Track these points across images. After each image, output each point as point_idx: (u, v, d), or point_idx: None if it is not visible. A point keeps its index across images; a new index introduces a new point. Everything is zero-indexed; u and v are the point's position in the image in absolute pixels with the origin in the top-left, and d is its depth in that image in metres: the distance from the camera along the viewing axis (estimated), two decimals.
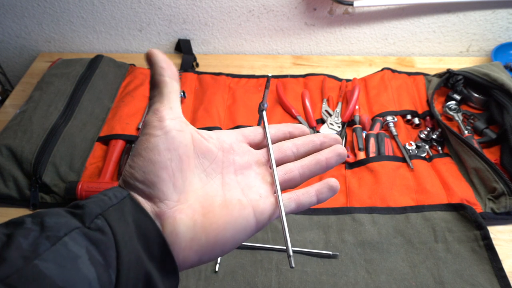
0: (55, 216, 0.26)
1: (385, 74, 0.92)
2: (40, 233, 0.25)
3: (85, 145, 0.76)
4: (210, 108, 0.83)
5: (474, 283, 0.57)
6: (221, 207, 0.32)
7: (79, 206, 0.28)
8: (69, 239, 0.25)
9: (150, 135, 0.31)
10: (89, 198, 0.29)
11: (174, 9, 0.97)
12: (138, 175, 0.30)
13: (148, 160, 0.30)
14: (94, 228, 0.26)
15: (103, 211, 0.28)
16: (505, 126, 0.72)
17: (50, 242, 0.24)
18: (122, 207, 0.29)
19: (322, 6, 0.96)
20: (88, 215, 0.27)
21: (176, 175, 0.31)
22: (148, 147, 0.30)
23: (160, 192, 0.30)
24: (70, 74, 0.84)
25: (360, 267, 0.60)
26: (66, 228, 0.25)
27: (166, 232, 0.30)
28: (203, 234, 0.30)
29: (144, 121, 0.32)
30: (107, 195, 0.29)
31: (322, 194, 0.35)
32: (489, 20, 0.97)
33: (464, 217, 0.64)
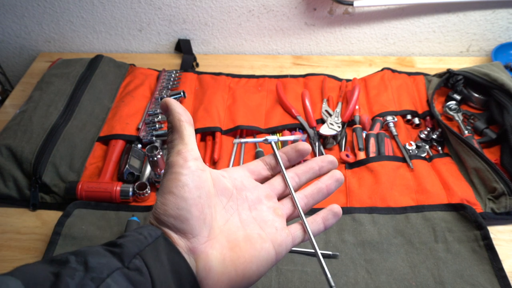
0: (97, 256, 0.27)
1: (385, 74, 0.92)
2: (84, 274, 0.26)
3: (85, 145, 0.76)
4: (210, 108, 0.83)
5: (474, 283, 0.57)
6: (245, 242, 0.34)
7: (117, 245, 0.29)
8: (112, 281, 0.26)
9: (178, 173, 0.32)
10: (125, 237, 0.30)
11: (174, 9, 0.97)
12: (172, 212, 0.31)
13: (181, 197, 0.31)
14: (133, 268, 0.28)
15: (140, 251, 0.29)
16: (505, 126, 0.72)
17: (94, 283, 0.25)
18: (156, 246, 0.30)
19: (322, 6, 0.96)
20: (126, 255, 0.28)
21: (205, 211, 0.33)
22: (179, 185, 0.32)
23: (192, 228, 0.32)
24: (70, 74, 0.84)
25: (360, 267, 0.60)
26: (108, 269, 0.27)
27: (199, 267, 0.31)
28: (232, 267, 0.32)
29: (169, 162, 0.34)
30: (142, 234, 0.30)
31: (328, 221, 0.39)
32: (489, 20, 0.97)
33: (464, 217, 0.64)
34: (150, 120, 0.80)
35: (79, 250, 0.28)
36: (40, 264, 0.27)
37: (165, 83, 0.89)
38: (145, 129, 0.79)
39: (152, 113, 0.81)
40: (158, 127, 0.78)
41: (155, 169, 0.68)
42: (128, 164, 0.70)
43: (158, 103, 0.84)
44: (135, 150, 0.74)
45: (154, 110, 0.82)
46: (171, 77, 0.90)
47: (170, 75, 0.91)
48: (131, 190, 0.68)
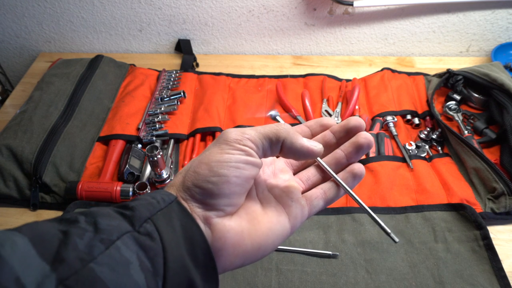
0: (107, 217, 0.27)
1: (385, 74, 0.92)
2: (94, 235, 0.25)
3: (85, 145, 0.76)
4: (210, 108, 0.83)
5: (474, 283, 0.57)
6: (262, 215, 0.33)
7: (128, 208, 0.29)
8: (122, 244, 0.26)
9: (225, 151, 0.31)
10: (137, 200, 0.30)
11: (174, 9, 0.97)
12: (201, 184, 0.30)
13: (216, 173, 0.30)
14: (144, 233, 0.27)
15: (152, 215, 0.28)
16: (505, 126, 0.72)
17: (104, 245, 0.25)
18: (169, 211, 0.29)
19: (322, 6, 0.96)
20: (138, 219, 0.28)
21: (236, 193, 0.31)
22: (220, 160, 0.31)
23: (216, 203, 0.31)
24: (70, 74, 0.84)
25: (360, 267, 0.60)
26: (118, 231, 0.26)
27: (215, 237, 0.30)
28: (249, 240, 0.31)
29: (226, 134, 0.32)
30: (155, 199, 0.30)
31: (348, 184, 0.36)
32: (489, 20, 0.97)
33: (464, 217, 0.64)
34: (150, 120, 0.80)
35: (89, 211, 0.28)
36: (49, 222, 0.26)
37: (165, 83, 0.89)
38: (145, 129, 0.79)
39: (152, 113, 0.81)
40: (158, 127, 0.78)
41: (155, 169, 0.68)
42: (128, 164, 0.70)
43: (158, 103, 0.84)
44: (135, 150, 0.74)
45: (154, 110, 0.82)
46: (171, 77, 0.90)
47: (170, 75, 0.91)
48: (131, 190, 0.68)
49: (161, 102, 0.84)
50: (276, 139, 0.33)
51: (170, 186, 0.32)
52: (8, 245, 0.22)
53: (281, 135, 0.33)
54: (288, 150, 0.33)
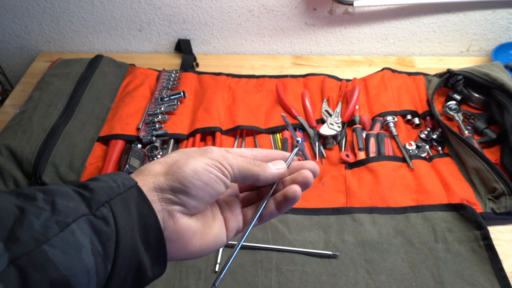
0: (66, 198, 0.28)
1: (385, 74, 0.92)
2: (51, 215, 0.26)
3: (85, 145, 0.76)
4: (210, 108, 0.83)
5: (474, 283, 0.57)
6: (213, 222, 0.36)
7: (88, 188, 0.29)
8: (76, 227, 0.26)
9: (210, 165, 0.33)
10: (97, 181, 0.30)
11: (174, 9, 0.97)
12: (183, 180, 0.32)
13: (199, 176, 0.32)
14: (100, 217, 0.28)
15: (110, 199, 0.29)
16: (505, 126, 0.72)
17: (59, 227, 0.25)
18: (128, 196, 0.30)
19: (322, 6, 0.96)
20: (95, 202, 0.28)
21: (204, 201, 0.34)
22: (204, 168, 0.33)
23: (185, 202, 0.32)
24: (70, 74, 0.84)
25: (360, 267, 0.60)
26: (75, 214, 0.27)
27: (174, 230, 0.32)
28: (198, 242, 0.34)
29: (214, 149, 0.35)
30: (116, 182, 0.31)
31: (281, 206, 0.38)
32: (489, 20, 0.97)
33: (464, 217, 0.64)
34: (150, 120, 0.80)
35: (48, 188, 0.28)
36: (5, 194, 0.26)
37: (165, 83, 0.89)
38: (145, 129, 0.79)
39: (152, 113, 0.81)
40: (158, 127, 0.78)
41: None
42: (128, 164, 0.70)
43: (158, 103, 0.84)
44: (135, 150, 0.74)
45: (154, 110, 0.82)
46: (171, 77, 0.90)
47: (170, 75, 0.91)
48: None
49: (161, 102, 0.84)
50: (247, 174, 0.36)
51: (141, 172, 0.33)
52: None
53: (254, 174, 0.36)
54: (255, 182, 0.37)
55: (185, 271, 0.59)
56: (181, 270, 0.59)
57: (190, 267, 0.60)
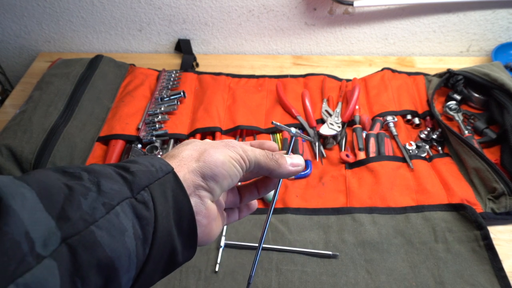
0: (109, 179, 0.28)
1: (385, 74, 0.92)
2: (97, 196, 0.27)
3: (85, 145, 0.76)
4: (210, 108, 0.83)
5: (474, 283, 0.57)
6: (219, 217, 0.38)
7: (129, 171, 0.30)
8: (121, 210, 0.27)
9: (236, 160, 0.35)
10: (137, 164, 0.31)
11: (174, 9, 0.97)
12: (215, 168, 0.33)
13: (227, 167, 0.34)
14: (141, 201, 0.29)
15: (150, 184, 0.30)
16: (505, 126, 0.72)
17: (105, 209, 0.26)
18: (165, 182, 0.31)
19: (322, 6, 0.96)
20: (137, 185, 0.29)
21: (224, 190, 0.35)
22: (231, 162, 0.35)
23: (213, 188, 0.34)
24: (70, 74, 0.84)
25: (360, 267, 0.60)
26: (119, 197, 0.28)
27: (206, 214, 0.33)
28: (216, 227, 0.36)
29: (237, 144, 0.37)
30: (154, 166, 0.31)
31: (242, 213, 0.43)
32: (489, 20, 0.97)
33: (464, 217, 0.64)
34: (150, 120, 0.80)
35: (91, 168, 0.29)
36: (53, 173, 0.27)
37: (165, 83, 0.89)
38: (145, 129, 0.79)
39: (152, 113, 0.81)
40: (158, 127, 0.78)
41: None
42: None
43: (158, 103, 0.84)
44: (135, 150, 0.74)
45: (154, 110, 0.82)
46: (171, 77, 0.90)
47: (170, 75, 0.91)
48: None
49: (161, 102, 0.84)
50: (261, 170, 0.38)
51: (173, 157, 0.34)
52: (18, 198, 0.23)
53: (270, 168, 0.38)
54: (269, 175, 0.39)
55: (185, 271, 0.59)
56: (181, 270, 0.59)
57: (190, 267, 0.60)
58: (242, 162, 0.35)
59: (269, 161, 0.37)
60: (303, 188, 0.71)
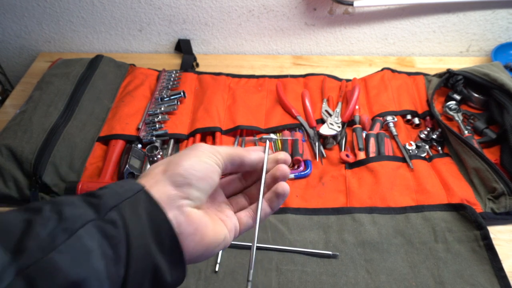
0: (73, 206, 0.28)
1: (385, 74, 0.92)
2: (57, 223, 0.26)
3: (85, 145, 0.76)
4: (210, 108, 0.83)
5: (474, 283, 0.57)
6: (212, 221, 0.36)
7: (95, 196, 0.30)
8: (84, 232, 0.26)
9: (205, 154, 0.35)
10: (105, 188, 0.31)
11: (174, 9, 0.97)
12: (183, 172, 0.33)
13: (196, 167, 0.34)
14: (108, 221, 0.28)
15: (118, 204, 0.29)
16: (505, 126, 0.72)
17: (66, 234, 0.26)
18: (136, 200, 0.30)
19: (322, 6, 0.96)
20: (103, 207, 0.29)
21: (206, 190, 0.35)
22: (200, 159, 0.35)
23: (190, 193, 0.33)
24: (70, 74, 0.84)
25: (360, 267, 0.60)
26: (82, 220, 0.27)
27: (188, 222, 0.32)
28: (212, 233, 0.34)
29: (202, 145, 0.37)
30: (123, 187, 0.31)
31: (273, 203, 0.40)
32: (489, 20, 0.97)
33: (464, 217, 0.64)
34: (150, 120, 0.80)
35: (55, 199, 0.28)
36: (13, 211, 0.27)
37: (165, 83, 0.89)
38: (145, 129, 0.79)
39: (152, 113, 0.81)
40: (158, 127, 0.78)
41: None
42: (128, 164, 0.70)
43: (158, 103, 0.84)
44: (135, 150, 0.74)
45: (154, 110, 0.82)
46: (171, 77, 0.90)
47: (170, 75, 0.91)
48: None
49: (161, 102, 0.84)
50: (235, 160, 0.38)
51: (144, 176, 0.34)
52: None
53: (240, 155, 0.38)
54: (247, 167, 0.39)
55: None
56: None
57: (190, 267, 0.60)
58: (214, 156, 0.36)
59: (237, 150, 0.38)
60: (303, 188, 0.71)
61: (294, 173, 0.73)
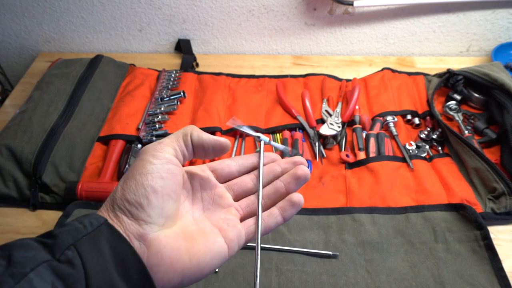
0: (24, 249, 0.26)
1: (385, 74, 0.92)
2: (5, 269, 0.25)
3: (85, 145, 0.76)
4: (210, 108, 0.83)
5: (474, 283, 0.57)
6: (199, 235, 0.34)
7: (51, 236, 0.28)
8: (35, 276, 0.25)
9: (146, 161, 0.32)
10: (64, 226, 0.29)
11: (174, 9, 0.97)
12: (128, 196, 0.31)
13: (141, 184, 0.31)
14: (64, 261, 0.26)
15: (76, 241, 0.28)
16: (505, 126, 0.72)
17: (14, 280, 0.24)
18: (97, 235, 0.29)
19: (322, 6, 0.96)
20: (59, 246, 0.27)
21: (165, 202, 0.32)
22: (143, 172, 0.32)
23: (147, 215, 0.31)
24: (70, 74, 0.84)
25: (360, 267, 0.60)
26: (33, 263, 0.25)
27: (151, 253, 0.30)
28: (187, 256, 0.31)
29: (142, 149, 0.34)
30: (82, 223, 0.29)
31: (286, 212, 0.37)
32: (489, 20, 0.97)
33: (464, 217, 0.64)
34: (150, 120, 0.80)
35: (7, 244, 0.27)
36: None
37: (165, 83, 0.89)
38: (145, 129, 0.79)
39: (152, 113, 0.81)
40: (158, 127, 0.78)
41: None
42: (128, 164, 0.70)
43: (158, 103, 0.84)
44: (135, 150, 0.74)
45: (154, 110, 0.82)
46: (171, 77, 0.90)
47: (170, 75, 0.91)
48: None
49: (161, 102, 0.84)
50: (185, 136, 0.35)
51: (101, 211, 0.32)
52: None
53: (187, 130, 0.36)
54: (197, 144, 0.36)
55: None
56: None
57: None
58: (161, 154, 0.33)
59: (183, 129, 0.36)
60: (303, 188, 0.71)
61: None
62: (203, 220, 0.36)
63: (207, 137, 0.37)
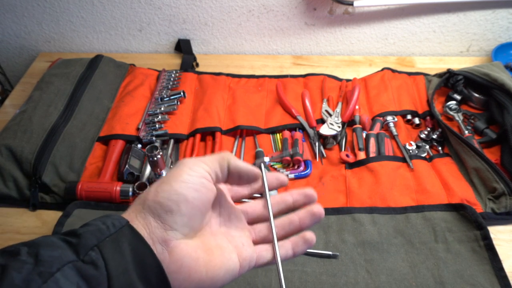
0: (51, 247, 0.27)
1: (385, 74, 0.92)
2: (33, 267, 0.25)
3: (85, 145, 0.76)
4: (210, 108, 0.83)
5: (475, 283, 0.57)
6: (216, 248, 0.35)
7: (76, 235, 0.29)
8: (61, 276, 0.25)
9: (184, 171, 0.33)
10: (87, 225, 0.30)
11: (174, 9, 0.97)
12: (161, 200, 0.32)
13: (175, 190, 0.32)
14: (88, 261, 0.27)
15: (99, 242, 0.28)
16: (505, 126, 0.72)
17: (42, 279, 0.25)
18: (119, 237, 0.29)
19: (322, 6, 0.96)
20: (83, 247, 0.28)
21: (194, 214, 0.33)
22: (179, 180, 0.32)
23: (173, 221, 0.31)
24: (70, 74, 0.84)
25: (360, 267, 0.60)
26: (59, 262, 0.26)
27: (171, 260, 0.31)
28: (204, 268, 0.32)
29: (184, 159, 0.35)
30: (105, 224, 0.30)
31: (297, 247, 0.38)
32: (489, 20, 0.97)
33: (464, 217, 0.64)
34: (150, 120, 0.80)
35: (33, 241, 0.28)
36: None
37: (165, 83, 0.89)
38: (145, 129, 0.79)
39: (152, 113, 0.81)
40: (158, 127, 0.78)
41: (155, 169, 0.67)
42: (128, 164, 0.70)
43: (158, 103, 0.84)
44: (135, 150, 0.74)
45: (154, 110, 0.82)
46: (171, 77, 0.90)
47: (170, 75, 0.91)
48: (131, 190, 0.68)
49: (161, 102, 0.84)
50: (221, 160, 0.36)
51: (130, 207, 0.33)
52: None
53: (224, 156, 0.36)
54: (233, 171, 0.36)
55: None
56: None
57: None
58: (198, 168, 0.33)
59: (221, 154, 0.36)
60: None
61: (294, 173, 0.73)
62: (220, 234, 0.37)
63: (244, 165, 0.37)
